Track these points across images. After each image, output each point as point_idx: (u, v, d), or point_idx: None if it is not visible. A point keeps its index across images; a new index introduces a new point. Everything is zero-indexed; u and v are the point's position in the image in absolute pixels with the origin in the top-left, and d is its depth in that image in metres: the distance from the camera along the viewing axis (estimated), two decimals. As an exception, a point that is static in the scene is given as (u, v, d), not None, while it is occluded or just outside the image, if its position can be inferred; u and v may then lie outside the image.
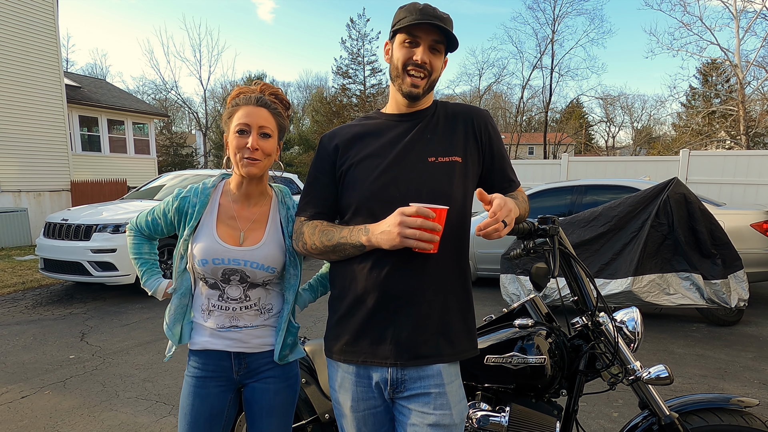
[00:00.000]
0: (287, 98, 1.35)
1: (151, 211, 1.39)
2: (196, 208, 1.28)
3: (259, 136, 1.23)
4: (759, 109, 16.72)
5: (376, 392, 1.14)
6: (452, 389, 1.11)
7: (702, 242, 3.84)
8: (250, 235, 1.29)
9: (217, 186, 1.34)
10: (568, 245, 1.40)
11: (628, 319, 1.41)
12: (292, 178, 8.55)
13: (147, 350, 3.83)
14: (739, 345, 3.81)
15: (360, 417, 1.15)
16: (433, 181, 1.11)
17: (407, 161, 1.13)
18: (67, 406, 2.88)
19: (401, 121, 1.18)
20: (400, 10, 1.13)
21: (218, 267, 1.25)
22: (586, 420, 2.64)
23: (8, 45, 10.08)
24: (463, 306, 1.15)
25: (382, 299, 1.09)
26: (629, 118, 36.71)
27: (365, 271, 1.10)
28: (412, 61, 1.10)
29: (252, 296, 1.30)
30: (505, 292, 4.53)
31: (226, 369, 1.30)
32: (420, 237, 0.97)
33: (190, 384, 1.29)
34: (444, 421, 1.08)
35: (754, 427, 1.30)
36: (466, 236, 1.18)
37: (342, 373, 1.16)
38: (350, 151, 1.17)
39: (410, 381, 1.10)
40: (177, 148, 28.69)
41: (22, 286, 6.16)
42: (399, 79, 1.13)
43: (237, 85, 1.34)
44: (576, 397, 1.42)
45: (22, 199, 10.48)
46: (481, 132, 1.19)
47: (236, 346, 1.29)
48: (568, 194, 5.36)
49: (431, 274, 1.10)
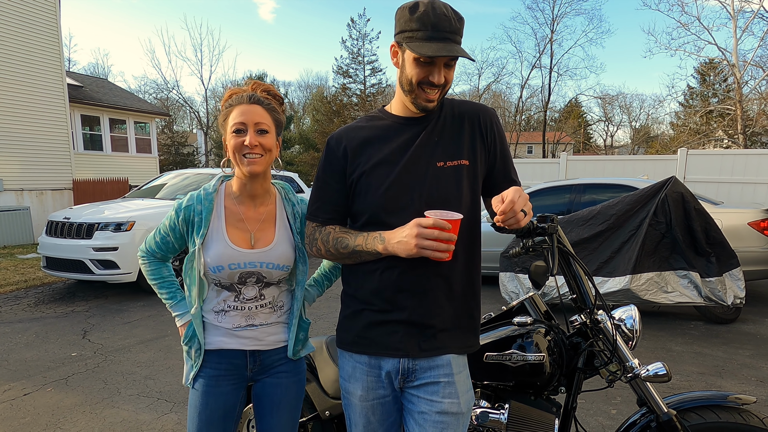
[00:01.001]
0: (280, 93, 1.34)
1: (157, 232, 1.35)
2: (203, 215, 1.26)
3: (256, 132, 1.22)
4: (756, 109, 16.76)
5: (386, 382, 1.17)
6: (461, 379, 1.15)
7: (698, 241, 3.86)
8: (260, 236, 1.29)
9: (219, 189, 1.32)
10: (567, 244, 1.41)
11: (627, 317, 1.42)
12: (292, 176, 8.55)
13: (148, 348, 3.85)
14: (737, 343, 3.82)
15: (369, 406, 1.18)
16: (443, 187, 1.13)
17: (417, 167, 1.13)
18: (69, 404, 2.89)
19: (409, 125, 1.17)
20: (410, 18, 1.04)
21: (234, 272, 1.25)
22: (584, 417, 2.65)
23: (11, 45, 10.11)
24: (472, 304, 1.18)
25: (395, 295, 1.12)
26: (627, 118, 36.81)
27: (379, 271, 1.13)
28: (428, 81, 1.07)
29: (267, 295, 1.31)
30: (504, 290, 4.54)
31: (240, 367, 1.31)
32: (437, 248, 1.00)
33: (203, 383, 1.28)
34: (452, 409, 1.12)
35: (752, 424, 1.31)
36: (477, 236, 1.19)
37: (353, 363, 1.19)
38: (360, 157, 1.16)
39: (420, 371, 1.14)
40: (178, 147, 28.71)
41: (24, 285, 6.19)
42: (412, 93, 1.10)
43: (234, 85, 1.33)
44: (575, 395, 1.43)
45: (25, 197, 10.51)
46: (487, 131, 1.19)
47: (252, 345, 1.30)
48: (566, 193, 5.37)
49: (444, 274, 1.13)
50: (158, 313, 4.87)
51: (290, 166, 26.11)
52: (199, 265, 1.25)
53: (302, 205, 1.39)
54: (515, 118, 29.90)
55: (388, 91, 27.02)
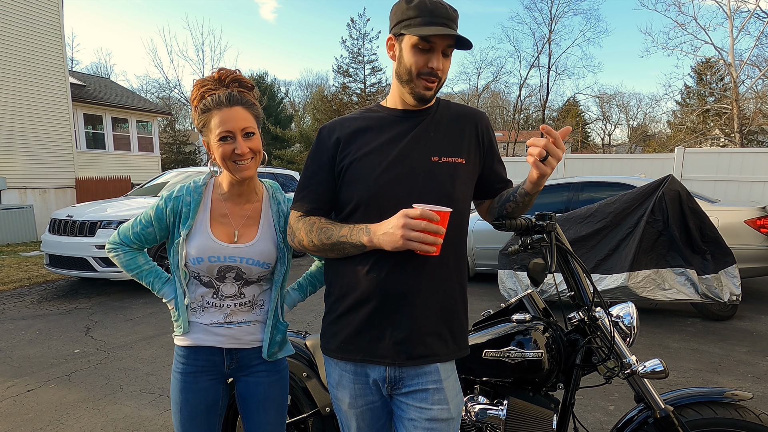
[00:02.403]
0: (249, 80, 1.28)
1: (136, 223, 1.31)
2: (190, 207, 1.26)
3: (243, 138, 1.20)
4: (752, 108, 16.82)
5: (374, 388, 1.15)
6: (449, 384, 1.13)
7: (694, 238, 3.89)
8: (244, 233, 1.29)
9: (208, 183, 1.32)
10: (565, 241, 1.42)
11: (624, 314, 1.43)
12: (293, 175, 8.61)
13: (150, 344, 3.87)
14: (733, 339, 3.83)
15: (358, 413, 1.16)
16: (436, 182, 1.11)
17: (410, 159, 1.11)
18: (72, 400, 2.91)
19: (404, 118, 1.16)
20: (407, 7, 1.05)
21: (214, 264, 1.25)
22: (582, 413, 2.66)
23: (14, 45, 10.15)
24: (460, 307, 1.16)
25: (381, 299, 1.08)
26: (625, 116, 36.84)
27: (365, 271, 1.09)
28: (427, 69, 1.07)
29: (247, 293, 1.30)
30: (503, 288, 4.56)
31: (217, 363, 1.30)
32: (423, 240, 0.95)
33: (180, 380, 1.29)
34: (442, 416, 1.10)
35: (748, 420, 1.31)
36: (464, 237, 1.19)
37: (339, 370, 1.17)
38: (352, 145, 1.13)
39: (408, 378, 1.11)
40: (180, 146, 28.75)
41: (27, 282, 6.22)
42: (411, 83, 1.09)
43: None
44: (573, 391, 1.44)
45: (28, 195, 10.56)
46: (482, 135, 1.20)
47: (228, 343, 1.29)
48: (565, 191, 5.39)
49: (431, 275, 1.10)
50: (160, 310, 4.89)
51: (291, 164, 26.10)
52: (181, 257, 1.25)
53: (288, 204, 1.37)
54: (514, 117, 29.90)
55: (387, 90, 26.97)
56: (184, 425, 1.29)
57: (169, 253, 1.30)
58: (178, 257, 1.26)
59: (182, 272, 1.27)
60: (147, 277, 1.35)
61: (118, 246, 1.33)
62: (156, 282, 1.34)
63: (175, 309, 1.31)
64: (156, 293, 1.35)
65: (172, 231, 1.30)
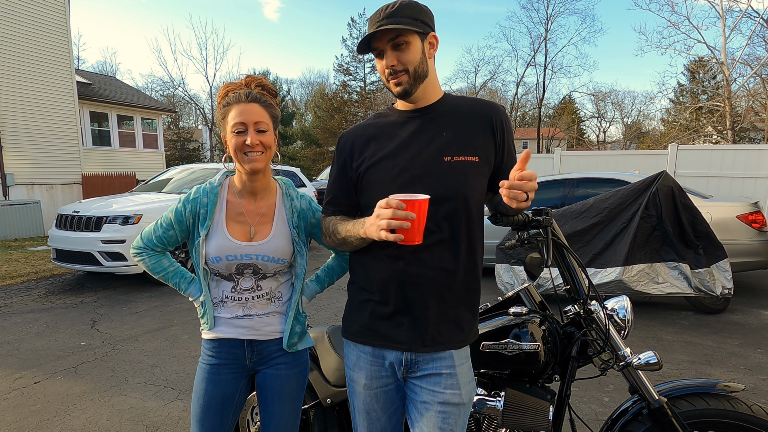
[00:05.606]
0: (273, 86, 1.36)
1: (157, 227, 1.36)
2: (207, 208, 1.31)
3: (256, 131, 1.25)
4: (744, 105, 16.85)
5: (390, 371, 1.20)
6: (462, 371, 1.17)
7: (686, 233, 3.91)
8: (259, 230, 1.33)
9: (223, 184, 1.36)
10: (561, 236, 1.44)
11: (619, 307, 1.45)
12: (295, 171, 8.70)
13: (155, 337, 3.92)
14: (726, 332, 3.86)
15: (372, 394, 1.21)
16: (449, 181, 1.13)
17: (423, 160, 1.14)
18: (79, 391, 2.96)
19: (413, 117, 1.20)
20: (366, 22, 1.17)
21: (232, 263, 1.30)
22: (578, 404, 2.69)
23: (22, 44, 10.22)
24: (474, 297, 1.20)
25: (400, 288, 1.14)
26: (620, 114, 36.73)
27: (385, 262, 1.15)
28: (387, 69, 1.14)
29: (263, 286, 1.35)
30: (500, 281, 4.60)
31: (239, 356, 1.35)
32: (394, 226, 0.97)
33: (204, 371, 1.34)
34: (453, 400, 1.14)
35: (740, 411, 1.33)
36: (480, 232, 1.20)
37: (358, 352, 1.22)
38: (366, 152, 1.20)
39: (423, 362, 1.16)
40: (184, 143, 28.88)
41: (35, 276, 6.29)
42: (389, 86, 1.18)
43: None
44: (568, 382, 1.46)
45: (35, 191, 10.66)
46: (497, 129, 1.19)
47: (249, 334, 1.34)
48: (560, 187, 5.43)
49: (448, 268, 1.14)
50: (164, 303, 4.95)
51: (292, 161, 26.18)
52: (201, 256, 1.30)
53: (301, 200, 1.40)
54: (510, 115, 29.89)
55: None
56: (198, 413, 1.33)
57: (192, 252, 1.35)
58: (199, 257, 1.31)
59: (203, 270, 1.32)
60: (173, 278, 1.39)
61: (142, 250, 1.38)
62: (182, 282, 1.39)
63: (201, 306, 1.36)
64: (183, 293, 1.40)
65: (193, 232, 1.34)
